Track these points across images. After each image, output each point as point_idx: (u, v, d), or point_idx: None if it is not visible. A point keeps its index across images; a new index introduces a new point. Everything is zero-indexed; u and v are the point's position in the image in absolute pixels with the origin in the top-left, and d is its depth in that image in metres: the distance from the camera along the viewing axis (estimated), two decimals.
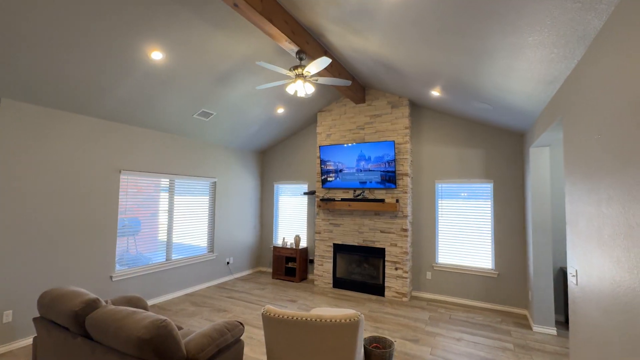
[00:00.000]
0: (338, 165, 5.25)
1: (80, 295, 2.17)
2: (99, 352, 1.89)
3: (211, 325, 2.25)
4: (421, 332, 3.66)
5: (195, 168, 5.14)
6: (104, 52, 2.87)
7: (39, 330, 2.27)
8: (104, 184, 3.86)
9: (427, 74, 3.42)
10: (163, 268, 4.59)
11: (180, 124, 4.54)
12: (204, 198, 5.39)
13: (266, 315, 1.98)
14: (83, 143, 3.66)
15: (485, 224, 4.63)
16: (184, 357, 1.92)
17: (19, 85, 2.95)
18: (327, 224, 5.45)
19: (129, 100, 3.66)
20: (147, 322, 1.83)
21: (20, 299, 3.15)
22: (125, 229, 4.16)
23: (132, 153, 4.19)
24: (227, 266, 5.77)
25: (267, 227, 6.59)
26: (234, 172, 5.97)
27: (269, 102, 4.74)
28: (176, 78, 3.54)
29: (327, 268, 5.41)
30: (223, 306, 4.41)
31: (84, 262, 3.66)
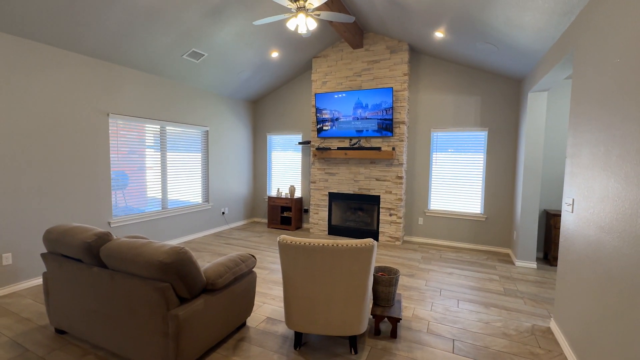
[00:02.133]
0: (334, 113, 5.15)
1: (90, 229, 2.14)
2: (118, 278, 1.91)
3: (226, 257, 2.30)
4: (415, 269, 3.91)
5: (186, 115, 4.91)
6: None
7: (49, 265, 2.26)
8: (93, 127, 3.65)
9: (433, 6, 3.25)
10: (160, 216, 4.56)
11: (170, 66, 4.24)
12: (197, 146, 5.23)
13: (283, 242, 2.03)
14: (67, 81, 3.38)
15: (476, 172, 4.78)
16: (204, 282, 1.98)
17: None
18: (323, 174, 5.48)
19: (115, 35, 3.34)
20: (167, 248, 1.84)
21: (18, 241, 3.09)
22: (114, 183, 4.02)
23: (120, 95, 3.92)
24: (222, 216, 5.81)
25: (261, 178, 6.57)
26: (227, 121, 5.77)
27: (263, 44, 4.46)
28: (165, 8, 3.21)
29: (322, 216, 5.55)
30: (223, 251, 4.51)
31: (80, 206, 3.57)
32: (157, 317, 1.81)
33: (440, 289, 3.32)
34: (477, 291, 3.29)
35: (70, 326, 2.23)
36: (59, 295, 2.24)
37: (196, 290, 1.92)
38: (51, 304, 2.31)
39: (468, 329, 2.55)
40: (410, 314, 2.78)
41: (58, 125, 3.34)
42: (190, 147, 5.11)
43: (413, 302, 3.02)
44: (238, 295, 2.27)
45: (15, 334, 2.37)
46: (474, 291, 3.29)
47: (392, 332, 2.37)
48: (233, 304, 2.22)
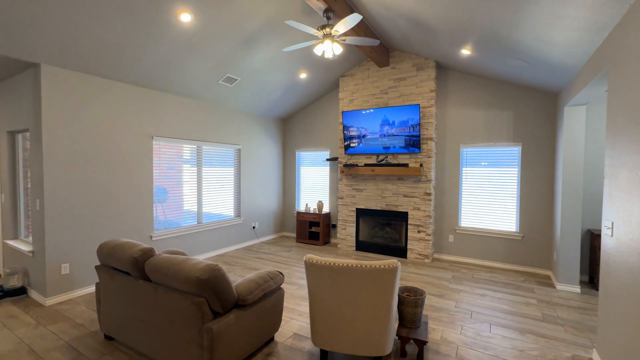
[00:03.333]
0: (361, 130, 5.24)
1: (136, 245, 2.37)
2: (161, 291, 2.10)
3: (255, 274, 2.43)
4: (445, 289, 3.81)
5: (220, 135, 5.25)
6: (135, 14, 2.89)
7: (102, 276, 2.52)
8: (138, 149, 4.03)
9: (460, 28, 3.28)
10: (195, 230, 4.85)
11: (206, 90, 4.60)
12: (230, 162, 5.54)
13: (309, 262, 2.12)
14: (117, 108, 3.79)
15: (510, 188, 4.60)
16: (235, 297, 2.11)
17: (55, 50, 3.03)
18: (350, 189, 5.55)
19: (159, 66, 3.72)
20: (202, 265, 2.00)
21: (74, 253, 3.45)
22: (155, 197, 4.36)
23: (162, 119, 4.31)
24: (253, 230, 6.03)
25: (290, 194, 6.75)
26: (258, 139, 6.06)
27: (292, 67, 4.70)
28: (202, 41, 3.54)
29: (350, 232, 5.58)
30: (253, 265, 4.68)
31: (126, 221, 3.92)
32: (193, 329, 1.96)
33: (472, 312, 3.21)
34: (512, 315, 3.14)
35: (118, 333, 2.45)
36: (109, 304, 2.49)
37: (228, 306, 2.05)
38: (102, 312, 2.56)
39: (501, 356, 2.46)
40: (438, 336, 2.73)
41: (109, 147, 3.73)
42: (224, 162, 5.42)
43: (442, 324, 2.95)
44: (267, 311, 2.38)
45: (71, 338, 2.64)
46: (509, 315, 3.14)
47: (419, 355, 2.34)
48: (262, 319, 2.33)
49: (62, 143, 3.31)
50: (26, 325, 2.83)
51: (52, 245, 3.26)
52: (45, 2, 2.51)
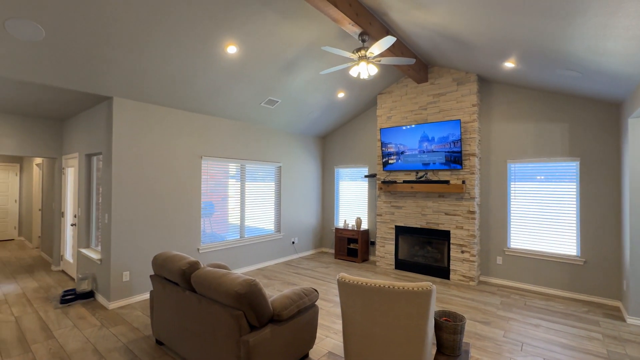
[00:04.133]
0: (399, 147, 5.19)
1: (184, 258, 2.59)
2: (204, 302, 2.27)
3: (290, 290, 2.51)
4: (492, 316, 3.55)
5: (262, 153, 5.55)
6: (189, 50, 3.25)
7: (155, 285, 2.78)
8: (189, 169, 4.42)
9: (500, 42, 3.19)
10: (238, 244, 5.11)
11: (249, 113, 4.93)
12: (271, 178, 5.80)
13: (341, 281, 2.16)
14: (172, 132, 4.22)
15: (568, 207, 4.20)
16: (271, 312, 2.20)
17: (124, 85, 3.51)
18: (389, 206, 5.47)
19: (208, 93, 4.10)
20: (241, 280, 2.13)
21: (133, 262, 3.84)
22: (203, 211, 4.72)
23: (210, 140, 4.69)
24: (292, 245, 6.17)
25: (329, 210, 6.83)
26: (297, 156, 6.29)
27: (330, 87, 4.87)
28: (246, 69, 3.85)
29: (389, 249, 5.46)
30: (292, 280, 4.78)
31: (178, 235, 4.27)
32: (231, 340, 2.08)
33: (522, 343, 2.95)
34: (571, 351, 2.83)
35: (167, 339, 2.67)
36: (160, 311, 2.73)
37: (264, 320, 2.15)
38: (154, 318, 2.81)
39: None
40: None
41: (164, 167, 4.15)
42: (266, 179, 5.69)
43: (486, 354, 2.75)
44: (301, 327, 2.44)
45: (128, 341, 2.92)
46: (567, 350, 2.83)
47: None
48: (296, 335, 2.39)
49: (127, 164, 3.77)
50: (92, 326, 3.20)
51: (116, 254, 3.67)
52: (118, 46, 2.95)
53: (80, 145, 4.51)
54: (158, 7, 2.66)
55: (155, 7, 2.65)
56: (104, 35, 2.80)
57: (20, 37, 2.62)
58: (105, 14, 2.60)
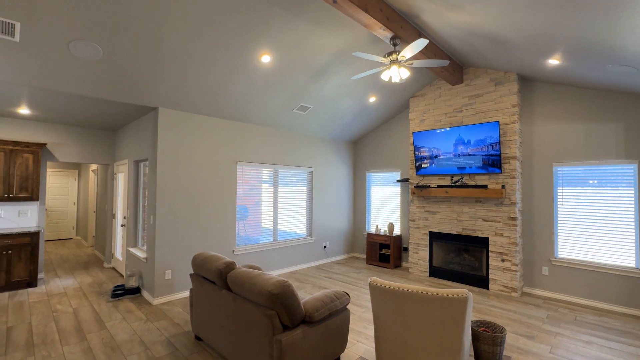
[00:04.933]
0: (433, 151, 5.06)
1: (221, 258, 2.72)
2: (239, 301, 2.37)
3: (322, 292, 2.53)
4: (537, 330, 3.31)
5: (295, 158, 5.67)
6: (226, 61, 3.44)
7: (194, 284, 2.94)
8: (225, 174, 4.63)
9: (543, 38, 3.02)
10: (271, 247, 5.24)
11: (282, 119, 5.08)
12: (303, 183, 5.90)
13: (373, 285, 2.15)
14: (209, 139, 4.46)
15: (626, 214, 3.83)
16: (302, 313, 2.24)
17: (169, 96, 3.79)
18: (422, 212, 5.33)
19: (243, 101, 4.29)
20: (274, 280, 2.20)
21: (175, 261, 4.08)
22: (237, 214, 4.90)
23: (245, 146, 4.89)
24: (323, 250, 6.20)
25: (360, 215, 6.79)
26: (329, 161, 6.34)
27: (361, 92, 4.88)
28: (279, 77, 3.98)
29: (422, 256, 5.31)
30: (323, 284, 4.80)
31: (214, 237, 4.48)
32: (265, 339, 2.15)
33: None
34: None
35: (205, 335, 2.80)
36: (199, 309, 2.88)
37: (296, 321, 2.19)
38: (194, 315, 2.97)
39: None
40: None
41: (202, 173, 4.38)
42: (297, 183, 5.80)
43: None
44: (332, 330, 2.45)
45: (170, 335, 3.11)
46: None
47: None
48: (328, 338, 2.40)
49: (170, 170, 4.04)
50: (139, 320, 3.44)
51: (160, 253, 3.93)
52: (164, 62, 3.21)
53: (129, 152, 4.91)
54: (200, 25, 2.86)
55: (197, 25, 2.85)
56: (152, 52, 3.06)
57: (81, 57, 2.94)
58: (154, 33, 2.84)
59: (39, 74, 3.06)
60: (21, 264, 4.34)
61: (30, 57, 2.83)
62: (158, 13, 2.67)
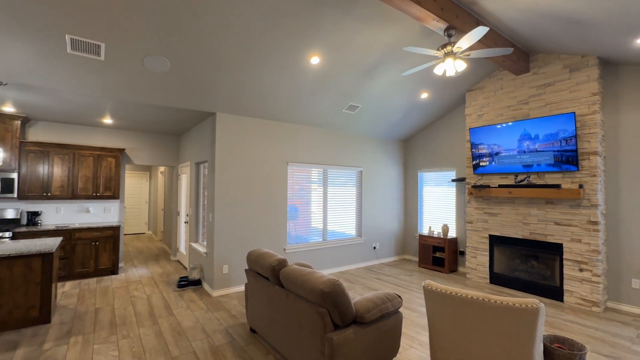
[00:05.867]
0: (493, 148, 4.66)
1: (274, 255, 2.82)
2: (291, 297, 2.42)
3: (373, 293, 2.48)
4: (625, 350, 2.86)
5: (344, 158, 5.66)
6: (278, 65, 3.56)
7: (249, 279, 3.09)
8: (276, 174, 4.79)
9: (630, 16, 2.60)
10: (321, 247, 5.29)
11: (331, 119, 5.10)
12: (352, 183, 5.86)
13: (428, 288, 2.04)
14: (262, 140, 4.66)
15: None
16: (353, 313, 2.22)
17: (225, 101, 4.04)
18: (481, 213, 4.94)
19: (293, 103, 4.40)
20: (325, 279, 2.21)
21: (231, 257, 4.34)
22: (288, 214, 5.03)
23: (295, 147, 5.01)
24: (373, 251, 6.09)
25: (412, 215, 6.54)
26: (378, 161, 6.22)
27: (412, 89, 4.70)
28: (328, 77, 4.00)
29: (481, 261, 4.92)
30: (373, 285, 4.71)
31: (267, 235, 4.67)
32: (316, 336, 2.17)
33: None
34: None
35: (259, 328, 2.93)
36: (253, 302, 3.01)
37: (347, 320, 2.18)
38: (249, 308, 3.12)
39: None
40: None
41: (255, 173, 4.59)
42: (347, 183, 5.78)
43: None
44: (384, 333, 2.38)
45: (228, 325, 3.31)
46: None
47: None
48: (379, 340, 2.35)
49: (227, 171, 4.30)
50: (200, 309, 3.72)
51: (218, 249, 4.21)
52: (221, 69, 3.43)
53: (191, 155, 5.35)
54: (253, 32, 3.00)
55: (249, 34, 3.00)
56: (211, 61, 3.29)
57: (153, 70, 3.27)
58: (212, 44, 3.05)
59: (119, 88, 3.48)
60: (106, 254, 4.98)
61: (113, 73, 3.23)
62: (215, 26, 2.86)
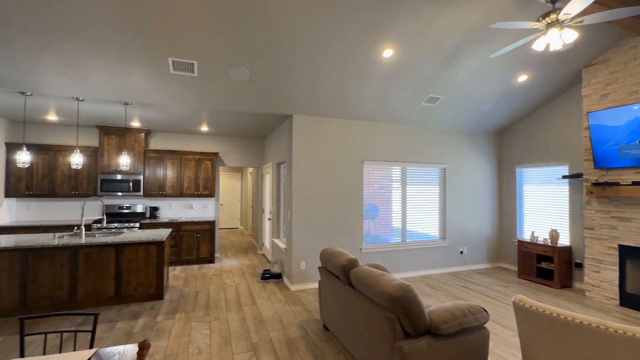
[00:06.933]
0: (623, 135, 3.69)
1: (345, 255, 2.78)
2: (361, 299, 2.35)
3: (452, 303, 2.22)
4: None
5: (424, 155, 5.27)
6: (350, 64, 3.51)
7: (322, 276, 3.12)
8: (351, 173, 4.75)
9: None
10: (399, 248, 5.04)
11: (409, 114, 4.80)
12: (434, 184, 5.41)
13: (519, 305, 1.71)
14: (337, 140, 4.68)
15: None
16: (427, 323, 2.02)
17: (301, 103, 4.19)
18: (607, 218, 3.97)
19: (367, 100, 4.29)
20: (395, 282, 2.07)
21: (309, 254, 4.48)
22: (367, 213, 4.92)
23: (370, 145, 4.89)
24: (460, 256, 5.51)
25: (508, 218, 5.69)
26: (465, 157, 5.60)
27: (505, 72, 4.07)
28: (403, 70, 3.76)
29: (607, 277, 3.95)
30: (459, 294, 4.25)
31: (343, 233, 4.67)
32: (385, 342, 2.05)
33: None
34: None
35: (331, 325, 2.94)
36: (326, 300, 3.04)
37: (420, 330, 1.99)
38: (322, 305, 3.16)
39: None
40: None
41: (331, 172, 4.63)
42: (428, 181, 5.37)
43: None
44: (466, 350, 2.10)
45: (303, 320, 3.41)
46: None
47: None
48: (460, 357, 2.08)
49: (303, 170, 4.46)
50: (279, 302, 3.94)
51: (296, 245, 4.40)
52: (297, 72, 3.56)
53: (272, 156, 5.73)
54: (324, 34, 3.02)
55: (322, 34, 3.03)
56: (287, 66, 3.45)
57: (236, 80, 3.61)
58: (286, 50, 3.19)
59: (209, 98, 3.94)
60: (205, 245, 5.73)
61: (204, 86, 3.68)
62: (289, 32, 2.98)
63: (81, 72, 3.29)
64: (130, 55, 3.10)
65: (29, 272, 3.47)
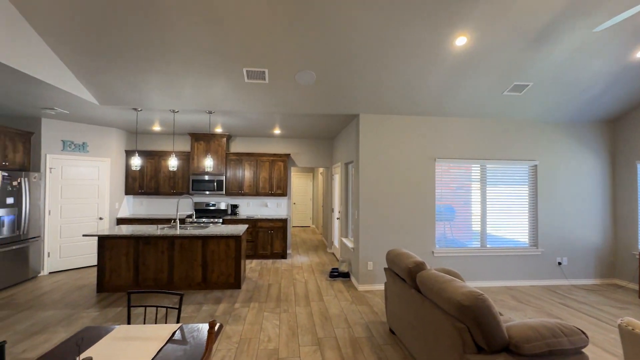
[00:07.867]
0: None
1: (411, 257, 2.65)
2: (427, 305, 2.21)
3: (539, 321, 1.93)
4: None
5: (508, 151, 4.68)
6: (418, 56, 3.33)
7: (388, 278, 3.04)
8: (422, 171, 4.50)
9: None
10: (478, 254, 4.57)
11: (488, 106, 4.33)
12: (521, 183, 4.76)
13: (626, 329, 1.39)
14: (405, 137, 4.48)
15: None
16: (505, 339, 1.79)
17: (367, 102, 4.13)
18: None
19: (438, 94, 4.01)
20: (465, 290, 1.89)
21: (376, 255, 4.39)
22: (441, 215, 4.59)
23: (442, 142, 4.55)
24: (558, 267, 4.73)
25: (626, 225, 4.66)
26: (562, 151, 4.79)
27: (617, 47, 3.35)
28: (480, 58, 3.40)
29: None
30: (553, 311, 3.66)
31: (412, 235, 4.45)
32: (454, 354, 1.88)
33: None
34: None
35: (397, 329, 2.83)
36: (392, 303, 2.94)
37: (495, 345, 1.78)
38: (388, 308, 3.07)
39: None
40: None
41: (399, 171, 4.45)
42: (513, 181, 4.74)
43: None
44: None
45: (369, 321, 3.36)
46: None
47: None
48: None
49: (370, 169, 4.40)
50: (346, 300, 3.96)
51: (363, 245, 4.36)
52: (361, 72, 3.54)
53: (341, 156, 5.78)
54: (389, 27, 2.94)
55: (386, 27, 2.95)
56: (351, 65, 3.45)
57: (303, 83, 3.76)
58: (350, 51, 3.20)
59: (279, 103, 4.19)
60: (278, 241, 6.10)
61: (274, 91, 3.92)
62: (352, 32, 2.98)
63: (176, 88, 3.84)
64: (211, 70, 3.49)
65: (139, 256, 4.20)
